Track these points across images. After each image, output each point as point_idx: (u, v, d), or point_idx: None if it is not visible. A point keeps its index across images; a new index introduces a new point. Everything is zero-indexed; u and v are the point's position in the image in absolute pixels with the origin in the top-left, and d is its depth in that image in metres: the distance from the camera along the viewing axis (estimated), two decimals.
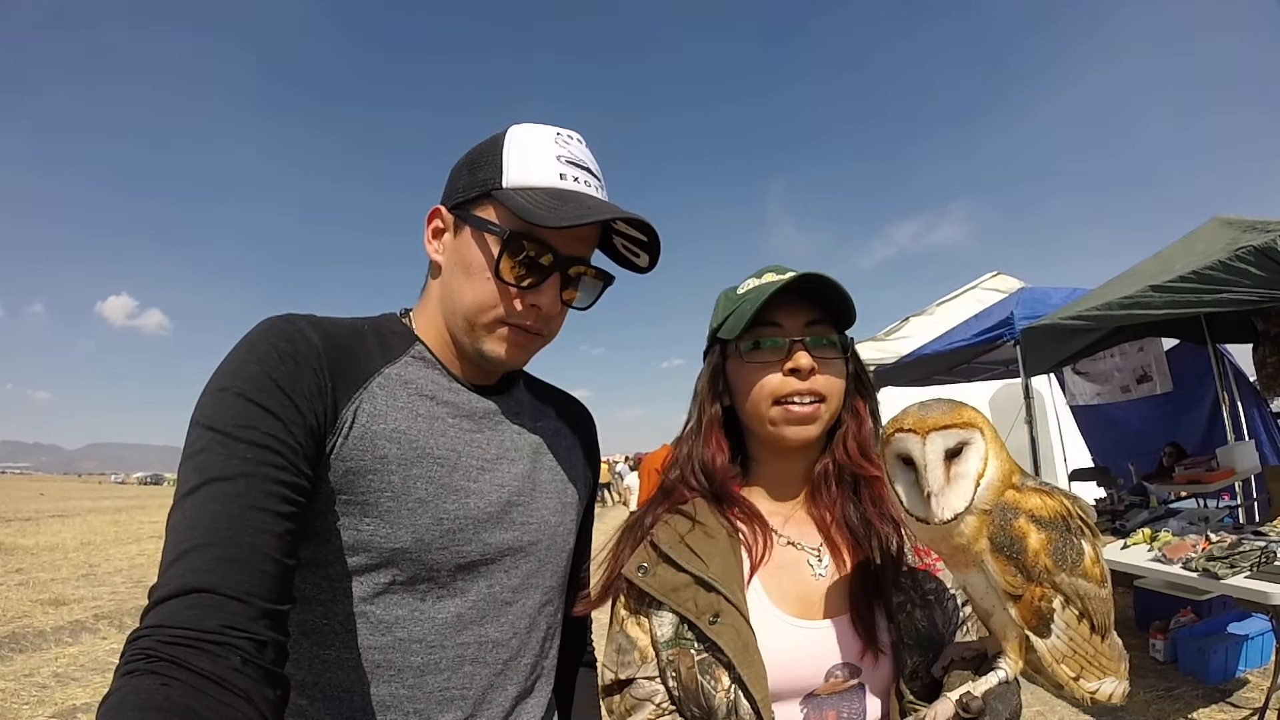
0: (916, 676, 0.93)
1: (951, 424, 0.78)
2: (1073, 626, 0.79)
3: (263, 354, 0.85)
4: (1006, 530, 0.77)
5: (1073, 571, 0.78)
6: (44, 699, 5.42)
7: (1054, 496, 0.81)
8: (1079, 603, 0.78)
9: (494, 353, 1.01)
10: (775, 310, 1.04)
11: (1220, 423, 6.19)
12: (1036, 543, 0.77)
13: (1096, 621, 0.80)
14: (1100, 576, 0.80)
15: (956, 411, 0.79)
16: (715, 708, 0.93)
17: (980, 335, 6.51)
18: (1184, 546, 3.89)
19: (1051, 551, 0.77)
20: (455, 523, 0.96)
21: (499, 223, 0.96)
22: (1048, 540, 0.77)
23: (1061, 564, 0.77)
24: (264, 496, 0.77)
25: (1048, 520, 0.78)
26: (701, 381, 1.14)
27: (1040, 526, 0.78)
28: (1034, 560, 0.77)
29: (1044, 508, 0.79)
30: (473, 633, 0.98)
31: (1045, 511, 0.79)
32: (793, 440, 1.04)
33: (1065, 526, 0.79)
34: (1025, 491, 0.80)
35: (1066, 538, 0.78)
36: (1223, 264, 3.83)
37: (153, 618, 0.68)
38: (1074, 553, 0.78)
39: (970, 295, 10.53)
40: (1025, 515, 0.78)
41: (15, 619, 7.99)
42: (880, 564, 1.00)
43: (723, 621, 0.95)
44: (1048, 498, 0.80)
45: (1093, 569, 0.79)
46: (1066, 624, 0.78)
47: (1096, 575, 0.80)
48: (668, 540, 1.04)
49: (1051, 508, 0.79)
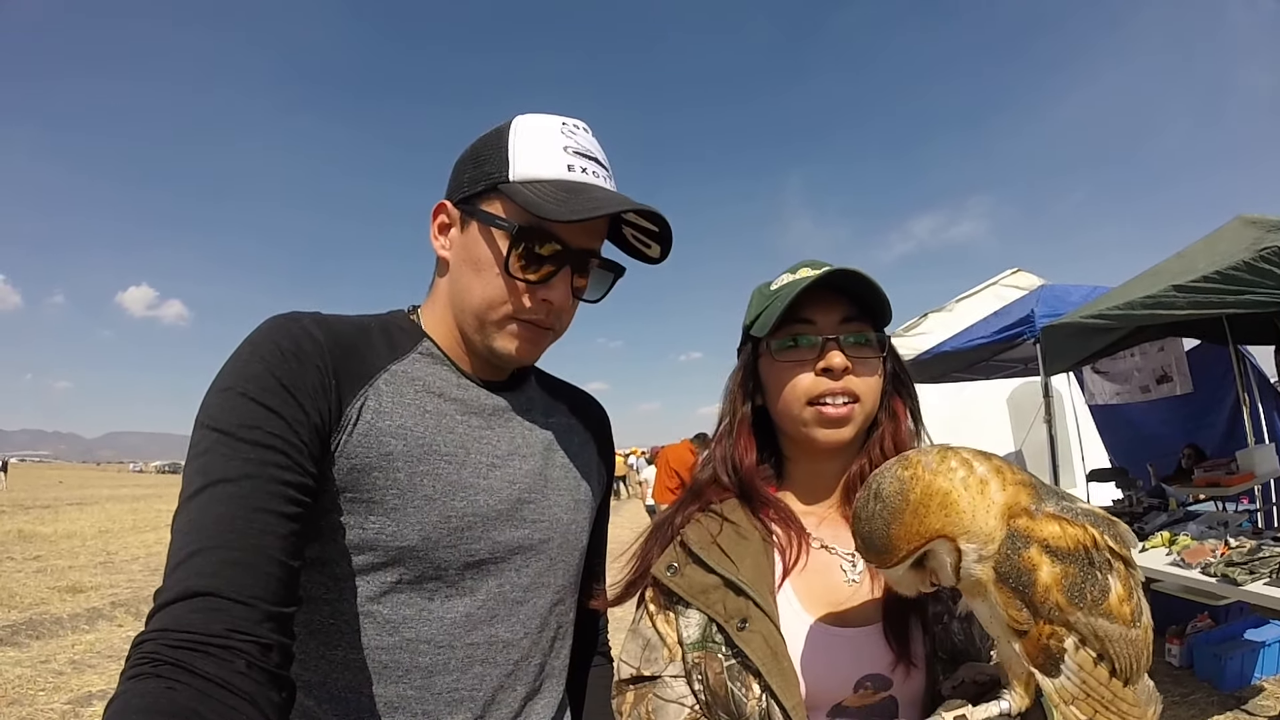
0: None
1: (897, 560, 0.72)
2: (1087, 669, 0.70)
3: (266, 353, 0.85)
4: (1014, 561, 0.70)
5: (1092, 611, 0.69)
6: (60, 685, 5.49)
7: (1075, 524, 0.71)
8: (1098, 644, 0.70)
9: (505, 349, 1.00)
10: (809, 307, 1.00)
11: (1240, 425, 6.11)
12: (1048, 577, 0.69)
13: (1119, 665, 0.71)
14: (1129, 616, 0.71)
15: (899, 535, 0.71)
16: (747, 715, 0.91)
17: (1000, 333, 6.45)
18: (1203, 551, 3.85)
19: (1066, 588, 0.69)
20: (464, 520, 0.95)
21: (507, 217, 0.95)
22: (1062, 575, 0.69)
23: (1078, 602, 0.69)
24: (268, 497, 0.76)
25: (1065, 552, 0.70)
26: (733, 380, 1.12)
27: (1055, 559, 0.69)
28: (1044, 596, 0.69)
29: (1062, 537, 0.70)
30: (482, 633, 0.97)
31: (1063, 542, 0.70)
32: (825, 442, 1.00)
33: (1087, 560, 0.70)
34: (1041, 519, 0.71)
35: (1088, 572, 0.70)
36: (1247, 264, 3.77)
37: (158, 621, 0.68)
38: (1095, 589, 0.69)
39: (990, 292, 10.44)
40: (1038, 545, 0.70)
41: (33, 605, 8.10)
42: None
43: (751, 628, 0.92)
44: (1068, 526, 0.71)
45: (1120, 608, 0.70)
46: (1080, 665, 0.70)
47: (1125, 615, 0.71)
48: (698, 540, 1.01)
49: (1072, 537, 0.70)
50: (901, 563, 0.73)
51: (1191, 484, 5.73)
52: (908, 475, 0.73)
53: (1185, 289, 4.12)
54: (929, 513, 0.70)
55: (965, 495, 0.71)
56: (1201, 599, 4.01)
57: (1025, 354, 6.96)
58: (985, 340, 6.70)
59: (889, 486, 0.73)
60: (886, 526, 0.71)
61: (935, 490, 0.71)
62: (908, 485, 0.72)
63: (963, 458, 0.75)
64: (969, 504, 0.71)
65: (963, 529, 0.70)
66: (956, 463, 0.74)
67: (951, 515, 0.70)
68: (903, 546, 0.71)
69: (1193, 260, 4.43)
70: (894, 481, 0.73)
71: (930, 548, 0.71)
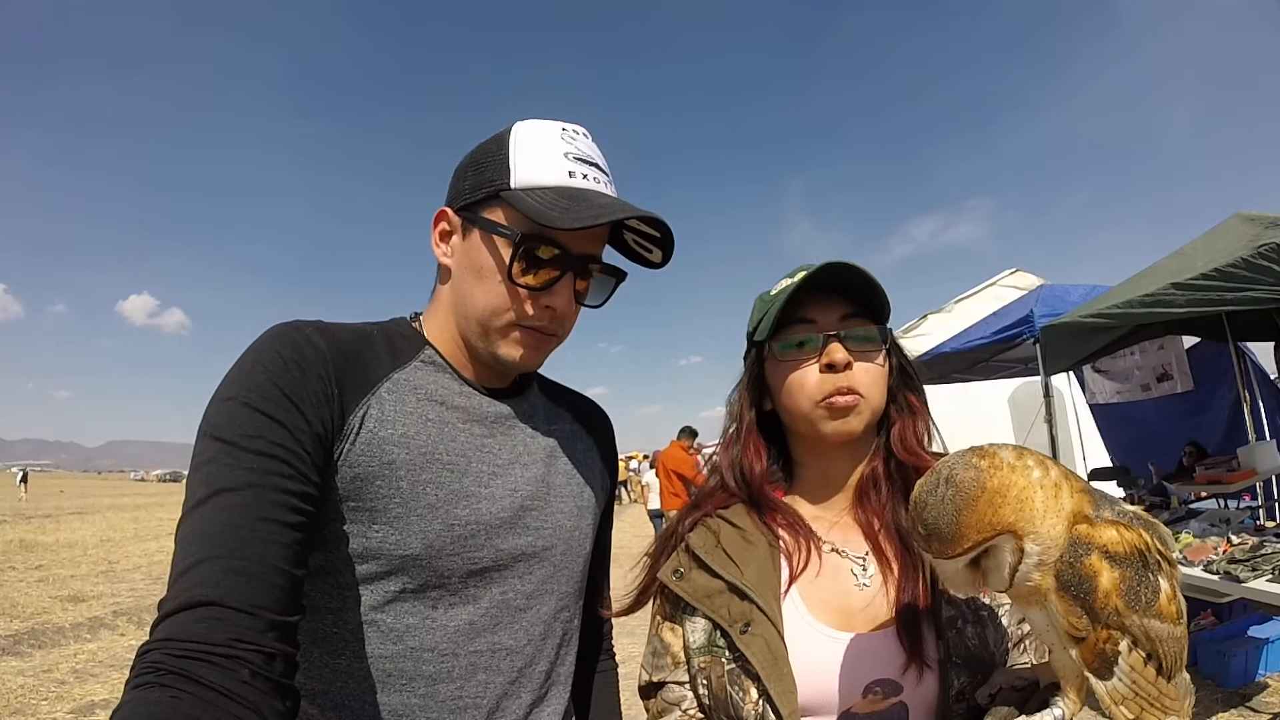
0: (963, 699, 0.89)
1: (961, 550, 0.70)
2: (1138, 669, 0.71)
3: (268, 362, 0.85)
4: (1076, 569, 0.69)
5: (1146, 613, 0.69)
6: (63, 694, 5.49)
7: (1132, 529, 0.71)
8: (1148, 644, 0.70)
9: (509, 356, 1.00)
10: (808, 307, 1.01)
11: (1241, 422, 6.12)
12: (1109, 583, 0.68)
13: (1166, 664, 0.71)
14: (1175, 615, 0.71)
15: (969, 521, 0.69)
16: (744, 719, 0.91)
17: (1000, 333, 6.46)
18: (1205, 549, 3.85)
19: (1124, 592, 0.69)
20: (466, 528, 0.95)
21: (509, 224, 0.95)
22: (1121, 579, 0.69)
23: (1134, 605, 0.69)
24: (271, 506, 0.76)
25: (1123, 557, 0.69)
26: (739, 387, 1.12)
27: (1114, 564, 0.69)
28: (1104, 602, 0.68)
29: (1120, 543, 0.70)
30: (486, 640, 0.97)
31: (1121, 547, 0.70)
32: (834, 436, 1.00)
33: (1143, 563, 0.70)
34: (1100, 525, 0.71)
35: (1143, 575, 0.70)
36: (1245, 261, 3.78)
37: (161, 631, 0.68)
38: (1149, 592, 0.70)
39: (989, 292, 10.43)
40: (1098, 552, 0.69)
41: (35, 615, 8.09)
42: (931, 573, 0.93)
43: (753, 632, 0.92)
44: (1125, 531, 0.71)
45: (1168, 608, 0.71)
46: (1132, 667, 0.70)
47: (1172, 614, 0.71)
48: (703, 545, 1.01)
49: (1129, 542, 0.70)
50: (965, 554, 0.71)
51: (1193, 482, 5.74)
52: (985, 464, 0.71)
53: (1184, 286, 4.13)
54: (1004, 504, 0.69)
55: (1040, 495, 0.70)
56: (1204, 596, 4.01)
57: (1025, 354, 6.97)
58: (985, 341, 6.71)
59: (964, 473, 0.70)
60: (957, 513, 0.69)
61: (1013, 484, 0.69)
62: (985, 474, 0.70)
63: (1039, 458, 0.73)
64: (1043, 504, 0.70)
65: (1033, 528, 0.69)
66: (1033, 461, 0.72)
67: (1025, 512, 0.69)
68: (971, 535, 0.69)
69: (1191, 258, 4.44)
70: (969, 469, 0.71)
71: (995, 543, 0.70)
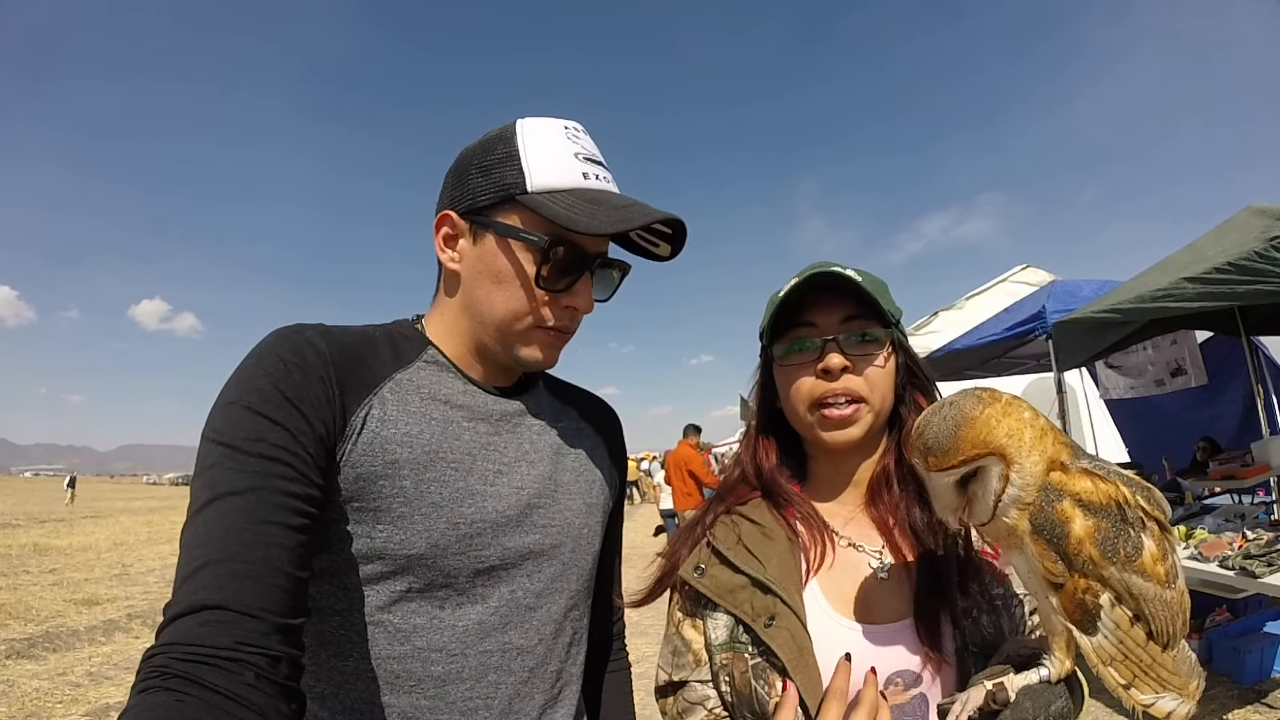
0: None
1: (954, 463, 0.74)
2: (1123, 628, 0.72)
3: (270, 366, 0.85)
4: (1047, 513, 0.72)
5: (1125, 566, 0.71)
6: (77, 697, 5.52)
7: (1108, 481, 0.74)
8: (1133, 602, 0.72)
9: (531, 357, 1.00)
10: (810, 309, 1.01)
11: (1255, 417, 6.06)
12: (1081, 530, 0.71)
13: (1155, 627, 0.73)
14: (1164, 577, 0.73)
15: (966, 436, 0.74)
16: (770, 714, 0.90)
17: (1012, 329, 6.44)
18: (1220, 544, 3.82)
19: (1099, 541, 0.71)
20: (472, 527, 0.94)
21: (529, 229, 0.95)
22: (1094, 528, 0.71)
23: (1111, 556, 0.71)
24: (274, 509, 0.76)
25: (1097, 506, 0.72)
26: (754, 384, 1.14)
27: (1088, 512, 0.72)
28: (1077, 548, 0.71)
29: (1094, 492, 0.73)
30: (495, 640, 0.96)
31: (1095, 497, 0.72)
32: (832, 444, 1.01)
33: (1120, 515, 0.72)
34: (1074, 474, 0.74)
35: (1120, 528, 0.72)
36: (1258, 254, 3.74)
37: (167, 635, 0.68)
38: (1128, 546, 0.71)
39: (1000, 289, 10.40)
40: (1070, 499, 0.72)
41: (49, 618, 8.15)
42: (946, 566, 0.95)
43: (778, 625, 0.92)
44: (1100, 481, 0.74)
45: (1154, 567, 0.72)
46: (1116, 624, 0.72)
47: (1159, 574, 0.72)
48: (725, 541, 1.02)
49: (1104, 493, 0.73)
50: (958, 468, 0.75)
51: (1207, 477, 5.70)
52: (986, 396, 0.77)
53: (1196, 280, 4.09)
54: (999, 428, 0.74)
55: (1030, 432, 0.75)
56: (1220, 592, 3.98)
57: (1038, 350, 6.93)
58: (997, 337, 6.68)
59: (967, 399, 0.77)
60: (956, 428, 0.74)
61: (1009, 414, 0.75)
62: (985, 402, 0.75)
63: (1032, 407, 0.78)
64: (1030, 440, 0.74)
65: (1021, 457, 0.73)
66: (1027, 407, 0.78)
67: (1015, 441, 0.74)
68: (965, 449, 0.74)
69: (1202, 251, 4.40)
70: (972, 397, 0.77)
71: (985, 463, 0.74)
